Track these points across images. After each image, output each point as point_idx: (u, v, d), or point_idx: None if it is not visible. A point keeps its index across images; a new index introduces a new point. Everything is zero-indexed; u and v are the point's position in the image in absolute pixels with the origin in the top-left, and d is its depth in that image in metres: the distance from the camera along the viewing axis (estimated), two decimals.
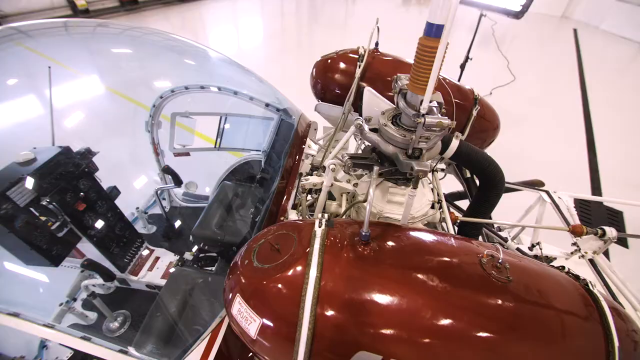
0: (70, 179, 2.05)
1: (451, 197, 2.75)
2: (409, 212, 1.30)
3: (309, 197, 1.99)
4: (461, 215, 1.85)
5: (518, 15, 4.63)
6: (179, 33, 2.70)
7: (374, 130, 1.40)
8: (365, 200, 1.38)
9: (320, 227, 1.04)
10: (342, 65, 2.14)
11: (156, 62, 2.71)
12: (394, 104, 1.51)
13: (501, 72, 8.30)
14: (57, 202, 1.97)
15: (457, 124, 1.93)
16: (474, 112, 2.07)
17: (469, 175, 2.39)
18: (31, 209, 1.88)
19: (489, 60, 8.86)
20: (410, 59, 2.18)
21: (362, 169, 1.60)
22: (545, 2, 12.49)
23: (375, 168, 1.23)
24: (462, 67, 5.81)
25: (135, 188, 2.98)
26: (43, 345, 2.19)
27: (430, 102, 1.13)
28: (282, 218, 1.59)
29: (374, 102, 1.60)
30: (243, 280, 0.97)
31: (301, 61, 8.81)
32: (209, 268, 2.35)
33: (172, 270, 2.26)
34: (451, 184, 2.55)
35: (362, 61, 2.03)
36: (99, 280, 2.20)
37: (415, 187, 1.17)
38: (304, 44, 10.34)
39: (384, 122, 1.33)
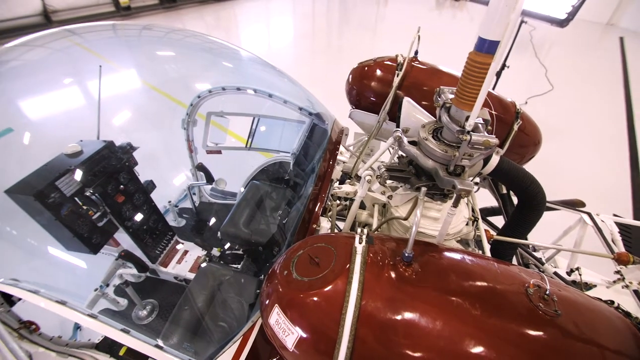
0: (112, 172, 2.16)
1: (484, 213, 2.66)
2: (446, 230, 1.26)
3: (337, 201, 1.99)
4: (495, 234, 1.79)
5: (563, 23, 4.42)
6: (213, 31, 2.77)
7: (412, 142, 1.37)
8: (405, 218, 1.36)
9: (360, 243, 1.03)
10: (379, 73, 2.11)
11: (196, 63, 2.80)
12: (432, 116, 1.48)
13: (538, 80, 7.92)
14: (99, 193, 2.08)
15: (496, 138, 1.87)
16: (515, 127, 1.99)
17: (504, 191, 2.30)
18: (76, 198, 1.99)
19: (526, 68, 8.48)
20: (447, 68, 2.15)
21: (397, 182, 1.57)
22: (589, 8, 11.75)
23: (423, 189, 1.20)
24: (498, 75, 5.57)
25: (167, 182, 3.09)
26: (77, 327, 2.32)
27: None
28: (314, 226, 1.59)
29: (412, 113, 1.57)
30: (282, 291, 0.98)
31: (330, 63, 8.80)
32: (235, 265, 2.40)
33: (203, 265, 2.32)
34: (484, 197, 2.46)
35: (400, 70, 2.00)
36: (132, 270, 2.30)
37: (455, 206, 1.13)
38: (333, 46, 10.34)
39: (425, 135, 1.30)
